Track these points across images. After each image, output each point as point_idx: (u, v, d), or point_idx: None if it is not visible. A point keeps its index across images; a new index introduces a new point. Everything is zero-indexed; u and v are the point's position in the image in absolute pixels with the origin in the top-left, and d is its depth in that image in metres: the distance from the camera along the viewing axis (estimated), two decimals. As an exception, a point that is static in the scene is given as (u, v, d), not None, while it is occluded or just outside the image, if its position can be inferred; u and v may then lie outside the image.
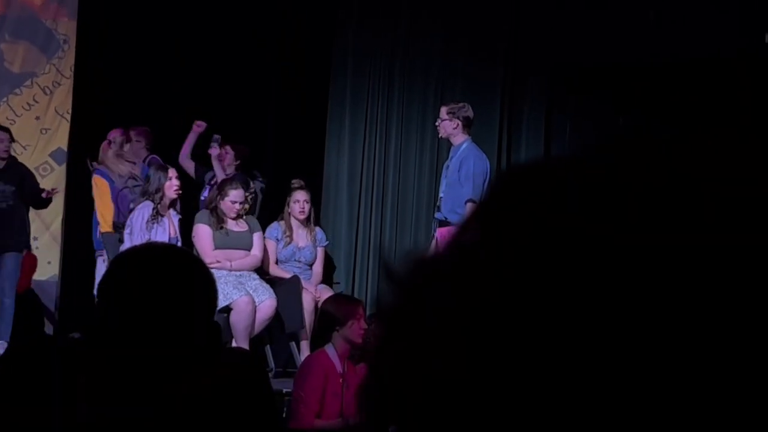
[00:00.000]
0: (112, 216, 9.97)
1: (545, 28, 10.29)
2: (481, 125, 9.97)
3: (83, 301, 9.34)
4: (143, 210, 9.38)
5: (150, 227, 9.30)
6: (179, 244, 9.32)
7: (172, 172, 9.53)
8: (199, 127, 10.48)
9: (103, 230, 9.93)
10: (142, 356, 2.61)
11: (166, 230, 9.35)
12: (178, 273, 2.68)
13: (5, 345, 9.45)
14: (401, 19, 10.88)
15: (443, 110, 9.50)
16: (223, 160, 10.30)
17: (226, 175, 10.05)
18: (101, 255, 9.82)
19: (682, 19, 9.67)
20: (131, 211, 9.58)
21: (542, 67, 10.55)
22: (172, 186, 9.44)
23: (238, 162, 10.33)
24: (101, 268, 9.57)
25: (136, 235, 9.24)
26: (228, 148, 10.33)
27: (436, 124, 9.58)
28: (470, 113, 9.45)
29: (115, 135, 10.38)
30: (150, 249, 3.14)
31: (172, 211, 9.50)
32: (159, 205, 9.37)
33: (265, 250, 9.60)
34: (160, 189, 9.40)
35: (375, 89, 10.91)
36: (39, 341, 3.57)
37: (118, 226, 9.76)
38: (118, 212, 9.97)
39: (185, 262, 2.77)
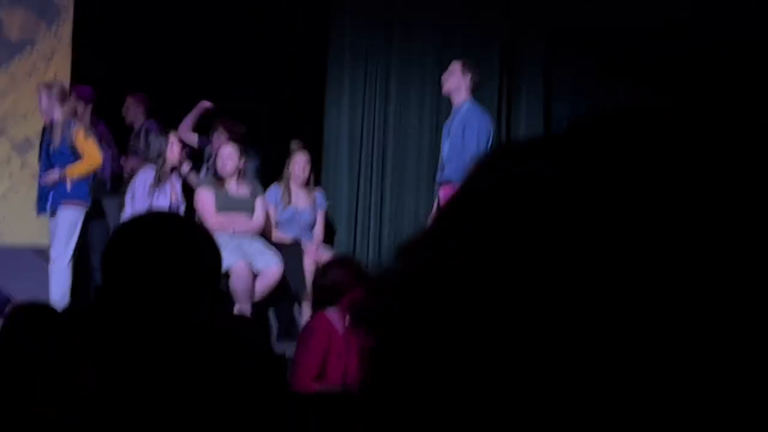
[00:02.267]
0: None
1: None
2: (481, 86, 9.94)
3: (82, 266, 9.37)
4: (145, 175, 9.39)
5: (152, 192, 9.31)
6: (181, 209, 9.34)
7: (173, 137, 9.53)
8: (204, 106, 10.36)
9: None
10: (146, 323, 2.64)
11: (168, 196, 9.36)
12: (183, 241, 2.70)
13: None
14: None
15: (458, 64, 9.32)
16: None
17: None
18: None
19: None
20: (132, 176, 9.58)
21: (541, 28, 10.53)
22: (174, 151, 9.44)
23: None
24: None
25: (138, 200, 9.25)
26: (221, 129, 9.98)
27: (444, 76, 9.37)
28: (479, 78, 9.38)
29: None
30: (155, 217, 3.16)
31: (174, 176, 9.50)
32: (161, 171, 9.37)
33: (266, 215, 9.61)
34: (161, 154, 9.40)
35: (373, 50, 10.88)
36: (42, 307, 3.60)
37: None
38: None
39: (190, 231, 2.80)
